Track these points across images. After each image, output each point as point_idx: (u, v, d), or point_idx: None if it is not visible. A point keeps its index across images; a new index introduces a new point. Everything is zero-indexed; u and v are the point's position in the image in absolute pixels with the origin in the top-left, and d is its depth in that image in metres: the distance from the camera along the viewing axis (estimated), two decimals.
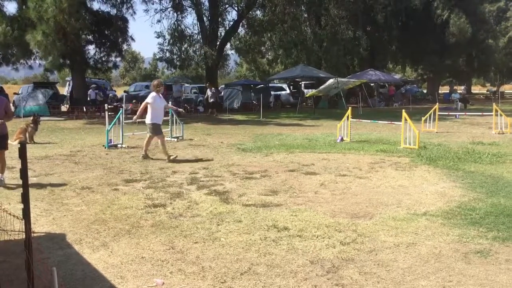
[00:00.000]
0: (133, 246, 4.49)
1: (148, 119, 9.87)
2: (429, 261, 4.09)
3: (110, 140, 11.86)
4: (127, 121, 12.38)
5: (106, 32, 28.02)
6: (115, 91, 35.16)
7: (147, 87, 31.56)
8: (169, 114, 13.72)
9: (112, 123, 12.01)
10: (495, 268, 3.91)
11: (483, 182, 7.28)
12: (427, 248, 4.41)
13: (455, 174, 7.98)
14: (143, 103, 10.07)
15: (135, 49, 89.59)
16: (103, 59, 28.63)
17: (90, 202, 6.19)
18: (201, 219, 5.37)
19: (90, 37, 27.56)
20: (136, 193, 6.73)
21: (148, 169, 8.65)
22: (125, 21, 27.97)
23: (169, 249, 4.41)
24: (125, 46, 30.14)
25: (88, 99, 25.66)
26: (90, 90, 25.97)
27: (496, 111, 15.47)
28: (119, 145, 11.83)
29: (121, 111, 12.40)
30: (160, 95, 10.02)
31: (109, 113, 13.35)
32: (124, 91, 30.55)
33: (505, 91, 58.27)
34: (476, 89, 72.23)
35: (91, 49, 28.61)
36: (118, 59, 31.11)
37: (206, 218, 5.43)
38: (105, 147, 11.61)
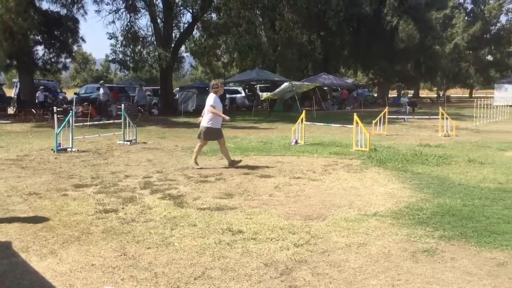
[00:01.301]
0: (82, 253, 4.36)
1: (204, 122, 9.03)
2: (379, 260, 4.21)
3: (59, 144, 11.47)
4: (77, 124, 12.02)
5: (55, 33, 27.15)
6: (65, 93, 34.12)
7: (98, 89, 30.83)
8: (122, 117, 13.44)
9: (62, 126, 11.63)
10: (441, 266, 4.08)
11: (430, 183, 7.57)
12: (377, 248, 4.53)
13: (404, 175, 8.25)
14: (209, 107, 8.93)
15: (86, 50, 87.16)
16: (53, 60, 27.72)
17: (38, 208, 5.97)
18: (155, 224, 5.29)
19: (39, 37, 26.63)
20: (86, 198, 6.54)
21: (99, 174, 8.43)
22: (76, 21, 27.20)
23: (121, 255, 4.31)
24: (75, 47, 29.34)
25: (37, 101, 24.76)
26: (39, 92, 25.07)
27: (442, 114, 16.15)
28: (69, 149, 11.47)
29: (71, 113, 12.02)
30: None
31: (59, 116, 12.91)
32: (75, 93, 29.67)
33: (451, 95, 60.99)
34: (423, 93, 75.14)
35: (40, 49, 27.71)
36: (68, 60, 30.24)
37: (159, 222, 5.35)
38: (54, 151, 11.22)
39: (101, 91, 24.47)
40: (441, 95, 54.88)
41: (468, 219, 5.44)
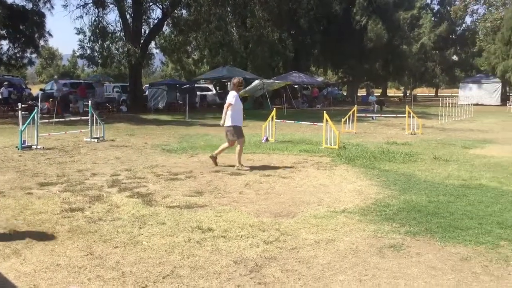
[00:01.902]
0: (47, 253, 4.25)
1: (228, 122, 8.73)
2: (347, 256, 4.27)
3: (24, 141, 11.15)
4: (43, 121, 11.71)
5: (21, 27, 26.39)
6: (30, 89, 33.19)
7: (65, 85, 30.15)
8: (89, 113, 13.17)
9: (26, 123, 11.31)
10: (407, 261, 4.17)
11: (396, 180, 7.72)
12: (345, 244, 4.60)
13: (372, 172, 8.39)
14: (227, 104, 8.73)
15: (53, 46, 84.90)
16: (18, 55, 26.99)
17: (1, 208, 5.78)
18: (122, 223, 5.21)
19: (3, 32, 25.84)
20: (51, 197, 6.39)
21: (65, 172, 8.25)
22: (42, 16, 26.54)
23: (87, 254, 4.23)
24: (41, 42, 28.63)
25: (0, 97, 24.03)
26: (3, 88, 24.39)
27: (409, 113, 16.50)
28: (34, 147, 11.17)
29: (36, 110, 11.71)
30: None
31: (23, 113, 12.55)
32: (40, 89, 28.91)
33: (418, 94, 62.36)
34: (391, 92, 76.58)
35: (4, 44, 26.93)
36: (34, 55, 29.47)
37: (127, 221, 5.28)
38: (19, 149, 10.90)
39: (55, 87, 23.92)
40: (407, 94, 56.09)
41: (433, 215, 5.57)
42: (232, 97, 8.69)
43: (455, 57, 64.06)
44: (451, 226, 5.13)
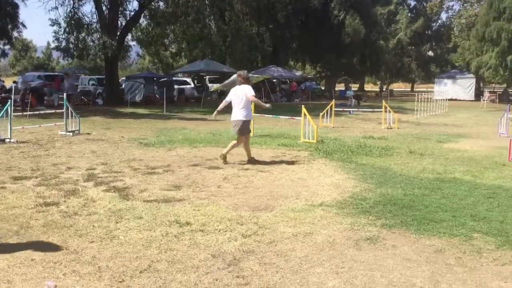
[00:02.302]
0: (22, 248, 4.17)
1: (243, 115, 8.59)
2: (324, 249, 4.31)
3: None
4: (16, 114, 11.44)
5: None
6: (3, 81, 32.41)
7: (39, 77, 29.51)
8: (64, 106, 12.93)
9: (0, 115, 11.05)
10: (383, 254, 4.23)
11: (373, 173, 7.82)
12: (322, 237, 4.64)
13: (349, 166, 8.48)
14: (253, 98, 8.67)
15: (27, 37, 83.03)
16: None
17: None
18: (98, 217, 5.14)
19: None
20: (25, 191, 6.26)
21: (40, 166, 8.09)
22: (15, 6, 25.89)
23: (63, 249, 4.17)
24: (15, 33, 27.92)
25: None
26: None
27: (386, 107, 16.71)
28: (7, 140, 10.91)
29: (9, 102, 11.43)
30: None
31: None
32: (14, 82, 28.23)
33: (394, 89, 63.20)
34: (368, 87, 77.41)
35: None
36: (7, 47, 28.76)
37: (103, 215, 5.21)
38: None
39: (19, 80, 23.36)
40: (383, 89, 56.78)
41: (409, 208, 5.67)
42: (251, 90, 8.69)
43: (430, 53, 65.01)
44: (425, 218, 5.23)
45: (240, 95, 8.64)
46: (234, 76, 26.62)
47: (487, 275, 3.79)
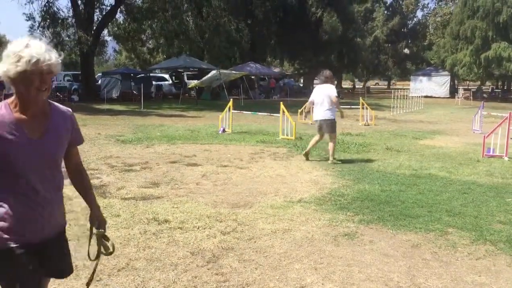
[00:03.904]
0: None
1: (328, 114, 8.48)
2: (303, 245, 4.34)
3: None
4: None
5: None
6: None
7: None
8: None
9: None
10: (361, 249, 4.28)
11: (350, 170, 7.90)
12: (301, 233, 4.67)
13: (327, 163, 8.54)
14: (336, 99, 8.58)
15: (0, 32, 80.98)
16: None
17: None
18: (75, 216, 5.06)
19: None
20: None
21: None
22: None
23: None
24: None
25: None
26: None
27: (363, 104, 16.89)
28: None
29: None
30: None
31: None
32: None
33: (371, 87, 63.94)
34: (345, 84, 78.11)
35: None
36: None
37: (80, 214, 5.13)
38: None
39: None
40: (355, 86, 57.40)
41: (385, 203, 5.75)
42: (335, 90, 8.66)
43: (406, 50, 65.93)
44: (402, 214, 5.31)
45: (325, 94, 8.54)
46: (213, 72, 26.66)
47: (462, 269, 3.87)
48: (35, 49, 1.90)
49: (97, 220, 2.37)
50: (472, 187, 6.76)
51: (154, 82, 31.30)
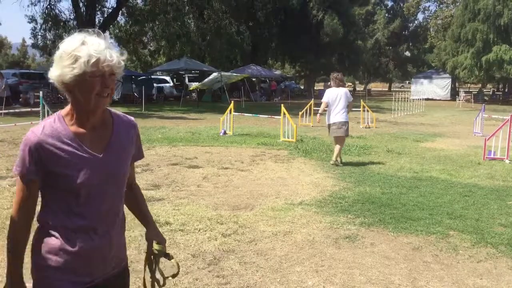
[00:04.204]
0: None
1: (346, 117, 8.62)
2: (304, 247, 4.34)
3: None
4: None
5: None
6: None
7: (14, 74, 28.89)
8: (40, 105, 12.67)
9: None
10: (362, 252, 4.28)
11: (351, 172, 7.90)
12: (302, 235, 4.67)
13: (328, 165, 8.54)
14: (351, 102, 8.80)
15: (1, 34, 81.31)
16: None
17: None
18: None
19: None
20: (1, 191, 6.14)
21: None
22: None
23: None
24: None
25: None
26: None
27: (364, 107, 16.89)
28: None
29: None
30: None
31: None
32: None
33: (372, 89, 63.93)
34: (347, 87, 78.06)
35: None
36: None
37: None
38: None
39: None
40: (356, 89, 57.38)
41: (387, 206, 5.75)
42: (350, 93, 8.75)
43: (407, 53, 65.95)
44: (403, 217, 5.31)
45: (341, 97, 8.57)
46: (214, 75, 26.70)
47: (463, 272, 3.87)
48: (93, 46, 1.59)
49: (156, 239, 1.99)
50: (473, 189, 6.75)
51: (155, 84, 31.31)
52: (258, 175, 7.58)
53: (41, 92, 14.05)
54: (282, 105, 12.59)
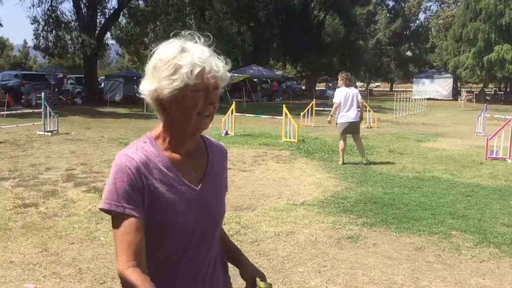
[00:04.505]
0: (0, 250, 4.09)
1: (358, 116, 8.75)
2: (306, 248, 4.34)
3: None
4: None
5: None
6: None
7: (16, 76, 28.96)
8: (42, 106, 12.71)
9: None
10: (364, 252, 4.28)
11: (353, 172, 7.90)
12: (304, 236, 4.67)
13: (330, 165, 8.55)
14: (363, 101, 8.98)
15: (3, 35, 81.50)
16: None
17: None
18: (79, 218, 5.08)
19: None
20: (3, 192, 6.14)
21: (18, 166, 7.94)
22: None
23: (42, 251, 4.10)
24: None
25: None
26: None
27: (365, 107, 16.86)
28: None
29: None
30: None
31: None
32: None
33: (373, 89, 63.88)
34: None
35: None
36: None
37: (84, 217, 5.15)
38: None
39: None
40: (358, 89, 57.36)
41: (389, 206, 5.74)
42: (359, 94, 8.85)
43: (409, 53, 65.87)
44: (405, 217, 5.30)
45: (352, 97, 8.65)
46: None
47: (466, 272, 3.86)
48: (196, 54, 1.31)
49: (257, 275, 1.63)
50: (476, 189, 6.74)
51: None
52: (260, 176, 7.58)
53: (43, 93, 14.09)
54: (284, 105, 12.59)
